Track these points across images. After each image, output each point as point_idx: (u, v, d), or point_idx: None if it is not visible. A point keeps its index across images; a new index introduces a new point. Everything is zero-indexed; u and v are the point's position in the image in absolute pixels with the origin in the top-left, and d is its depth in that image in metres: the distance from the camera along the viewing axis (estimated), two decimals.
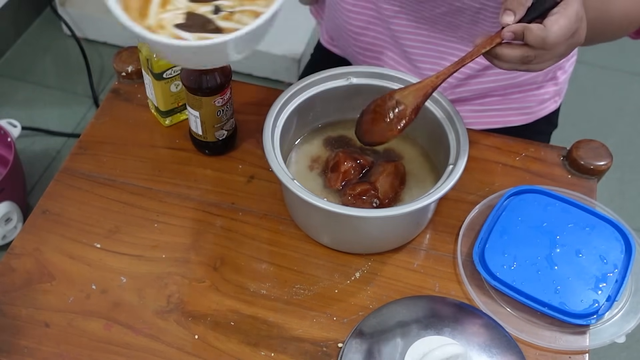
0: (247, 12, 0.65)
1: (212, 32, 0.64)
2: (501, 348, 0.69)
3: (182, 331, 0.74)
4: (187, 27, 0.64)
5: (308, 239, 0.81)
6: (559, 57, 0.70)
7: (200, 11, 0.65)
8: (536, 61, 0.70)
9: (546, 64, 0.71)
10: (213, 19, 0.65)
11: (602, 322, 0.74)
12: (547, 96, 1.03)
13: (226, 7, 0.65)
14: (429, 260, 0.80)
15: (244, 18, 0.65)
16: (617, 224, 0.79)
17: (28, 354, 0.72)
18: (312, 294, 0.77)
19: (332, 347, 0.73)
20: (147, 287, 0.77)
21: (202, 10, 0.65)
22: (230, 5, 0.66)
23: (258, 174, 0.87)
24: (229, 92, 0.82)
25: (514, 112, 1.02)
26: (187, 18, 0.65)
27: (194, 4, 0.66)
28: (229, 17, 0.65)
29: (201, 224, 0.82)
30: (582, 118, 1.85)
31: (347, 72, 0.83)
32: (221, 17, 0.65)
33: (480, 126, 1.00)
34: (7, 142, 1.58)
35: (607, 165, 0.86)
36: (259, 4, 0.65)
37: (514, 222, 0.79)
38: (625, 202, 1.75)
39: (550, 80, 1.02)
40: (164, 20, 0.65)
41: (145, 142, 0.89)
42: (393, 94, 0.76)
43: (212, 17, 0.65)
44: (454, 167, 0.74)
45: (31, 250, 0.79)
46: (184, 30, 0.64)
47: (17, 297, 0.76)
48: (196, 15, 0.65)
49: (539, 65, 0.71)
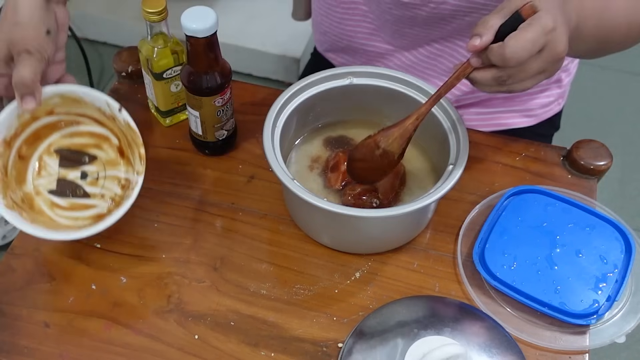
0: (110, 177, 0.76)
1: (82, 197, 0.75)
2: (501, 348, 0.69)
3: (182, 331, 0.74)
4: (59, 193, 0.75)
5: (308, 239, 0.81)
6: (537, 73, 0.68)
7: (70, 177, 0.76)
8: (511, 81, 0.68)
9: (527, 83, 0.68)
10: (81, 185, 0.75)
11: (602, 322, 0.74)
12: (551, 99, 1.03)
13: (92, 172, 0.76)
14: (429, 260, 0.80)
15: (107, 183, 0.76)
16: (617, 224, 0.79)
17: (28, 354, 0.72)
18: (312, 294, 0.77)
19: (332, 347, 0.73)
20: (147, 287, 0.77)
21: (71, 176, 0.76)
22: (94, 171, 0.76)
23: (258, 174, 0.87)
24: (229, 92, 0.82)
25: (518, 114, 1.02)
26: (59, 184, 0.75)
27: (64, 169, 0.76)
28: (95, 182, 0.76)
29: (201, 224, 0.82)
30: (582, 118, 1.85)
31: (347, 72, 0.83)
32: (88, 183, 0.76)
33: (483, 128, 1.00)
34: None
35: (607, 165, 0.86)
36: (119, 169, 0.77)
37: (514, 222, 0.79)
38: (625, 202, 1.75)
39: (555, 83, 1.02)
40: (39, 186, 0.75)
41: (145, 142, 0.89)
42: (378, 142, 0.76)
43: (80, 183, 0.76)
44: (454, 167, 0.74)
45: (31, 250, 0.79)
46: (57, 196, 0.75)
47: (17, 297, 0.76)
48: (67, 182, 0.76)
49: (518, 85, 0.68)
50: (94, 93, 0.73)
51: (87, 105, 0.74)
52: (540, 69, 0.67)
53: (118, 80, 0.97)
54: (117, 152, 0.77)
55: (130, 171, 0.76)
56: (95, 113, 0.76)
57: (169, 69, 0.84)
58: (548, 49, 0.66)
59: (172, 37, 0.83)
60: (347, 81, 0.83)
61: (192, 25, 0.73)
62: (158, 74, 0.84)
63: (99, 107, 0.74)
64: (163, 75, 0.84)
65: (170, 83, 0.86)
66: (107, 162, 0.77)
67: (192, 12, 0.74)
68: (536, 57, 0.66)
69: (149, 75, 0.86)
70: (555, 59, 0.67)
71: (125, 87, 0.96)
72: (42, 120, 0.74)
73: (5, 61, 0.70)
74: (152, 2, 0.78)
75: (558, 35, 0.66)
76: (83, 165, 0.76)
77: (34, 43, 0.70)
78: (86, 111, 0.75)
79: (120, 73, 0.95)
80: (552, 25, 0.65)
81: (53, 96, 0.73)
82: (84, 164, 0.76)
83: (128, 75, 0.95)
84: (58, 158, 0.76)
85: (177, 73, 0.85)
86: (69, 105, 0.74)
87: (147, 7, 0.78)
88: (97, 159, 0.77)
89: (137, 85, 0.95)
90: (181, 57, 0.84)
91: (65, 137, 0.76)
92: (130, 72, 0.95)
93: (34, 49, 0.69)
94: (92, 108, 0.75)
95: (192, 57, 0.78)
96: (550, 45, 0.66)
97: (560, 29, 0.66)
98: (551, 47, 0.66)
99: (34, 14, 0.71)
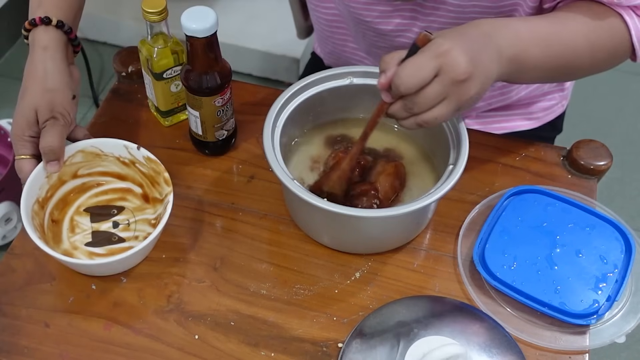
0: (140, 220, 0.80)
1: (117, 243, 0.78)
2: (501, 348, 0.69)
3: (182, 331, 0.74)
4: (95, 243, 0.78)
5: (308, 239, 0.81)
6: (440, 99, 0.66)
7: (103, 228, 0.80)
8: (417, 109, 0.67)
9: (435, 111, 0.67)
10: (115, 232, 0.79)
11: (602, 322, 0.74)
12: (553, 102, 1.04)
13: (122, 220, 0.80)
14: (429, 260, 0.79)
15: (139, 226, 0.80)
16: (617, 224, 0.79)
17: (28, 354, 0.72)
18: (312, 294, 0.77)
19: (332, 347, 0.73)
20: (147, 287, 0.77)
21: (104, 227, 0.80)
22: (124, 219, 0.80)
23: (258, 174, 0.87)
24: (229, 92, 0.82)
25: (520, 117, 1.03)
26: (94, 236, 0.79)
27: (96, 223, 0.80)
28: (127, 228, 0.80)
29: (201, 224, 0.82)
30: (582, 118, 1.85)
31: (348, 72, 0.82)
32: (121, 229, 0.80)
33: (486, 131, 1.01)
34: (7, 142, 1.58)
35: (607, 165, 0.86)
36: (147, 212, 0.81)
37: (514, 222, 0.79)
38: (625, 202, 1.75)
39: (558, 86, 1.03)
40: (76, 242, 0.78)
41: (145, 142, 0.89)
42: (322, 186, 0.78)
43: (114, 231, 0.79)
44: (454, 167, 0.74)
45: (31, 250, 0.79)
46: (93, 246, 0.78)
47: (17, 297, 0.76)
48: (101, 232, 0.79)
49: (427, 114, 0.67)
50: (111, 141, 0.79)
51: (107, 157, 0.80)
52: (441, 94, 0.66)
53: (118, 80, 0.97)
54: (141, 199, 0.82)
55: (159, 208, 0.79)
56: (116, 166, 0.81)
57: (169, 69, 0.84)
58: (444, 72, 0.65)
59: (172, 37, 0.83)
60: (347, 81, 0.83)
61: (192, 25, 0.73)
62: (158, 74, 0.84)
63: (118, 155, 0.80)
64: (163, 75, 0.84)
65: (170, 83, 0.86)
66: (135, 209, 0.82)
67: (192, 12, 0.74)
68: (434, 82, 0.66)
69: (149, 75, 0.86)
70: (454, 82, 0.66)
71: (125, 87, 0.96)
72: (69, 184, 0.80)
73: (33, 124, 0.75)
74: (152, 2, 0.78)
75: (454, 57, 0.65)
76: (113, 216, 0.81)
77: (61, 109, 0.76)
78: (107, 168, 0.81)
79: (120, 73, 0.95)
80: (445, 48, 0.65)
81: (75, 153, 0.79)
82: (113, 215, 0.81)
83: (128, 75, 0.95)
84: (89, 215, 0.81)
85: (177, 73, 0.85)
86: (91, 161, 0.80)
87: (147, 7, 0.78)
88: (124, 209, 0.81)
89: (137, 85, 0.95)
90: (181, 57, 0.84)
91: (92, 197, 0.82)
92: (130, 72, 0.95)
93: (60, 115, 0.75)
94: (112, 159, 0.80)
95: (192, 57, 0.78)
96: (445, 67, 0.65)
97: (457, 51, 0.65)
98: (447, 70, 0.65)
99: (63, 81, 0.77)
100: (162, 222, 0.73)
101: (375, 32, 0.90)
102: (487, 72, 0.69)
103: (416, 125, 0.69)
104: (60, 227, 0.79)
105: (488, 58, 0.69)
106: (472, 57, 0.66)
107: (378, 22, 0.88)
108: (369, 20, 0.88)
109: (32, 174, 0.75)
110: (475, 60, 0.67)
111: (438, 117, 0.68)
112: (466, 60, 0.66)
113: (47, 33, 0.77)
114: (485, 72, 0.68)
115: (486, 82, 0.69)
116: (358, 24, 0.91)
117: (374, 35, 0.91)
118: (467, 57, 0.66)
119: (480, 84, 0.68)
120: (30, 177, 0.75)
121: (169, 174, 0.77)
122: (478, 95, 0.68)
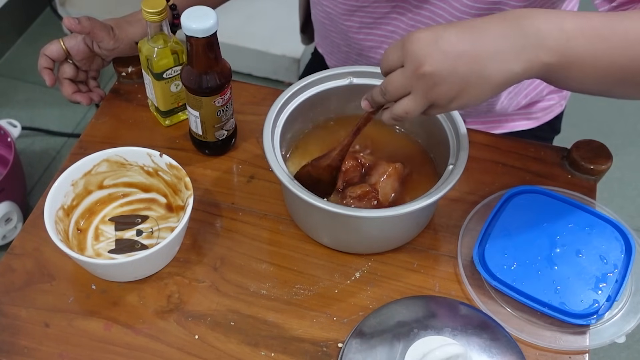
0: (163, 229, 0.81)
1: (140, 250, 0.79)
2: (501, 348, 0.69)
3: (182, 331, 0.74)
4: (119, 250, 0.79)
5: (308, 239, 0.81)
6: (404, 89, 0.63)
7: (126, 236, 0.80)
8: (388, 96, 0.65)
9: (404, 105, 0.64)
10: (138, 240, 0.80)
11: (602, 322, 0.74)
12: (552, 102, 1.04)
13: (146, 229, 0.81)
14: (429, 260, 0.80)
15: (162, 233, 0.80)
16: (617, 224, 0.79)
17: (28, 354, 0.72)
18: (312, 294, 0.77)
19: (332, 347, 0.73)
20: (147, 287, 0.77)
21: (127, 236, 0.80)
22: (148, 227, 0.81)
23: (258, 174, 0.87)
24: (229, 92, 0.82)
25: (519, 117, 1.03)
26: (117, 244, 0.80)
27: (120, 232, 0.80)
28: (150, 235, 0.80)
29: (201, 224, 0.82)
30: (582, 118, 1.85)
31: (347, 72, 0.83)
32: (144, 237, 0.80)
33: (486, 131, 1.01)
34: (7, 142, 1.58)
35: (607, 165, 0.86)
36: (170, 221, 0.81)
37: (514, 222, 0.79)
38: (625, 202, 1.75)
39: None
40: (100, 249, 0.79)
41: (145, 142, 0.89)
42: (310, 172, 0.77)
43: (137, 239, 0.80)
44: (454, 167, 0.74)
45: (31, 250, 0.79)
46: (116, 253, 0.79)
47: (17, 297, 0.76)
48: (124, 240, 0.80)
49: (399, 107, 0.65)
50: (133, 149, 0.80)
51: (132, 167, 0.81)
52: (403, 85, 0.63)
53: (118, 80, 0.97)
54: (165, 209, 0.82)
55: (182, 215, 0.78)
56: (140, 176, 0.82)
57: (169, 69, 0.84)
58: (406, 62, 0.62)
59: (172, 37, 0.84)
60: (347, 81, 0.83)
61: (192, 25, 0.73)
62: (158, 74, 0.84)
63: (142, 164, 0.81)
64: (163, 75, 0.84)
65: (170, 83, 0.86)
66: (159, 217, 0.82)
67: (192, 12, 0.74)
68: (398, 71, 0.64)
69: (149, 75, 0.86)
70: (415, 74, 0.61)
71: (125, 87, 0.96)
72: (95, 194, 0.81)
73: (109, 30, 0.90)
74: (152, 2, 0.78)
75: (416, 50, 0.61)
76: (137, 225, 0.81)
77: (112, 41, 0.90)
78: (132, 178, 0.82)
79: (121, 73, 0.96)
80: (412, 37, 0.61)
81: (100, 162, 0.80)
82: (137, 224, 0.81)
83: (128, 75, 0.96)
84: (113, 224, 0.81)
85: (177, 73, 0.85)
86: (116, 171, 0.81)
87: (147, 7, 0.78)
88: (149, 217, 0.82)
89: (137, 85, 0.95)
90: (181, 57, 0.84)
91: (117, 207, 0.83)
92: (130, 72, 0.95)
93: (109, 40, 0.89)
94: (136, 169, 0.81)
95: (192, 57, 0.78)
96: (407, 58, 0.62)
97: (422, 43, 0.60)
98: (408, 60, 0.62)
99: (129, 36, 0.91)
100: (183, 221, 0.73)
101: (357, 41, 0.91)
102: (487, 70, 0.60)
103: (391, 119, 0.67)
104: (86, 235, 0.80)
105: (498, 51, 0.60)
106: (454, 51, 0.59)
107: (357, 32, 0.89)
108: None
109: (57, 182, 0.76)
110: (461, 57, 0.59)
111: (407, 111, 0.64)
112: (431, 54, 0.60)
113: None
114: (483, 70, 0.60)
115: (484, 82, 0.61)
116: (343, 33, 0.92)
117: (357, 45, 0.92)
118: (437, 50, 0.59)
119: (464, 84, 0.61)
120: (56, 184, 0.76)
121: (189, 179, 0.77)
122: (459, 95, 0.61)
